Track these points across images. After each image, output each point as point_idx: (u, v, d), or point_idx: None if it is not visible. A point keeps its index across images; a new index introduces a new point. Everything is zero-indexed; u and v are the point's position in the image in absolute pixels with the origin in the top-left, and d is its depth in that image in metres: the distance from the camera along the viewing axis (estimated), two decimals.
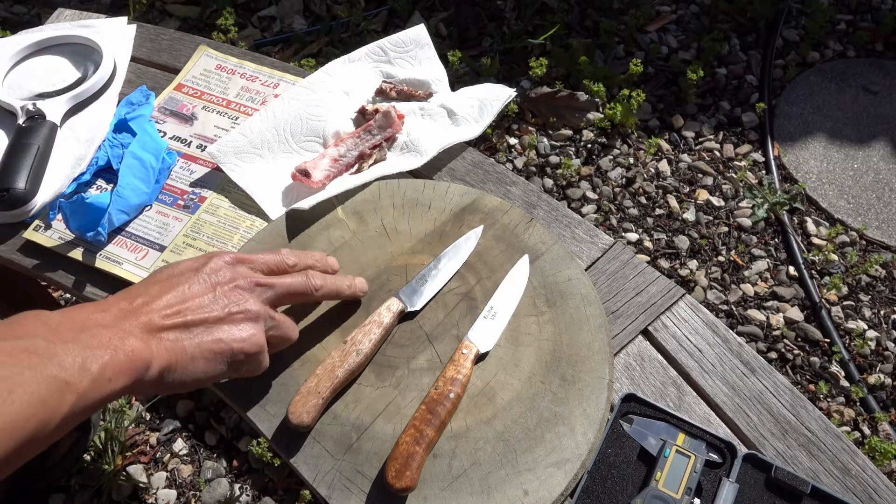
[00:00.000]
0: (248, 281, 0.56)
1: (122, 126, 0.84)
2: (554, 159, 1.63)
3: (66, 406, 0.43)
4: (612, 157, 1.64)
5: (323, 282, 0.62)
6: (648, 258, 1.50)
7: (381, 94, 0.89)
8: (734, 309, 1.43)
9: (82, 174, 0.81)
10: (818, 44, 1.87)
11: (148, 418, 1.31)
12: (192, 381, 0.52)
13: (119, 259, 0.75)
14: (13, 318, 0.47)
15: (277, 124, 0.84)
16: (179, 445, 1.28)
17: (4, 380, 0.41)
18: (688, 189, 1.61)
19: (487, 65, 1.70)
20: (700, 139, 1.70)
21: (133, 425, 1.29)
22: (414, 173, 0.82)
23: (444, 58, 1.47)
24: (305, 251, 0.64)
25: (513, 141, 1.68)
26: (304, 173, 0.77)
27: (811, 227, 1.55)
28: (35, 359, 0.43)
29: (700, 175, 1.63)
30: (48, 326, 0.46)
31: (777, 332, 1.40)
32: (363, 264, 0.72)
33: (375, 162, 0.82)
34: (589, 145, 1.66)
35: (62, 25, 0.96)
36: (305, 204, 0.75)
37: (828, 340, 1.38)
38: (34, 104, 0.84)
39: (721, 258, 1.50)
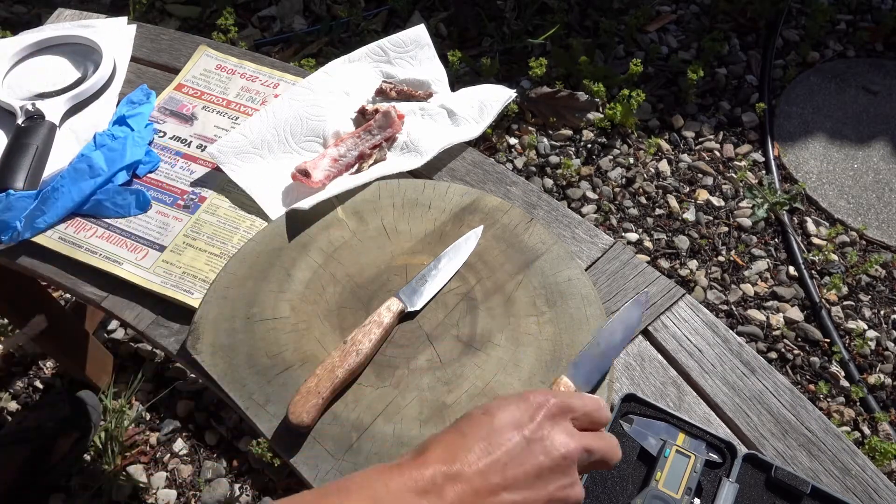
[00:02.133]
0: (576, 451, 0.49)
1: (121, 123, 0.84)
2: (554, 159, 1.63)
3: None
4: (612, 157, 1.64)
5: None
6: (648, 258, 1.50)
7: (381, 94, 0.89)
8: (734, 309, 1.43)
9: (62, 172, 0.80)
10: (818, 44, 1.87)
11: (148, 418, 1.31)
12: None
13: (119, 259, 0.75)
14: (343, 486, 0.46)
15: (277, 124, 0.84)
16: (179, 445, 1.28)
17: None
18: (688, 189, 1.61)
19: (487, 65, 1.70)
20: (700, 139, 1.70)
21: (133, 425, 1.29)
22: (414, 173, 0.82)
23: (444, 58, 1.47)
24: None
25: (513, 141, 1.68)
26: (304, 173, 0.77)
27: (811, 227, 1.55)
28: None
29: (700, 175, 1.63)
30: None
31: (777, 332, 1.40)
32: (363, 264, 0.72)
33: (375, 162, 0.82)
34: (589, 145, 1.66)
35: (62, 25, 0.96)
36: (305, 204, 0.75)
37: (828, 340, 1.38)
38: (33, 104, 0.84)
39: (721, 258, 1.50)
